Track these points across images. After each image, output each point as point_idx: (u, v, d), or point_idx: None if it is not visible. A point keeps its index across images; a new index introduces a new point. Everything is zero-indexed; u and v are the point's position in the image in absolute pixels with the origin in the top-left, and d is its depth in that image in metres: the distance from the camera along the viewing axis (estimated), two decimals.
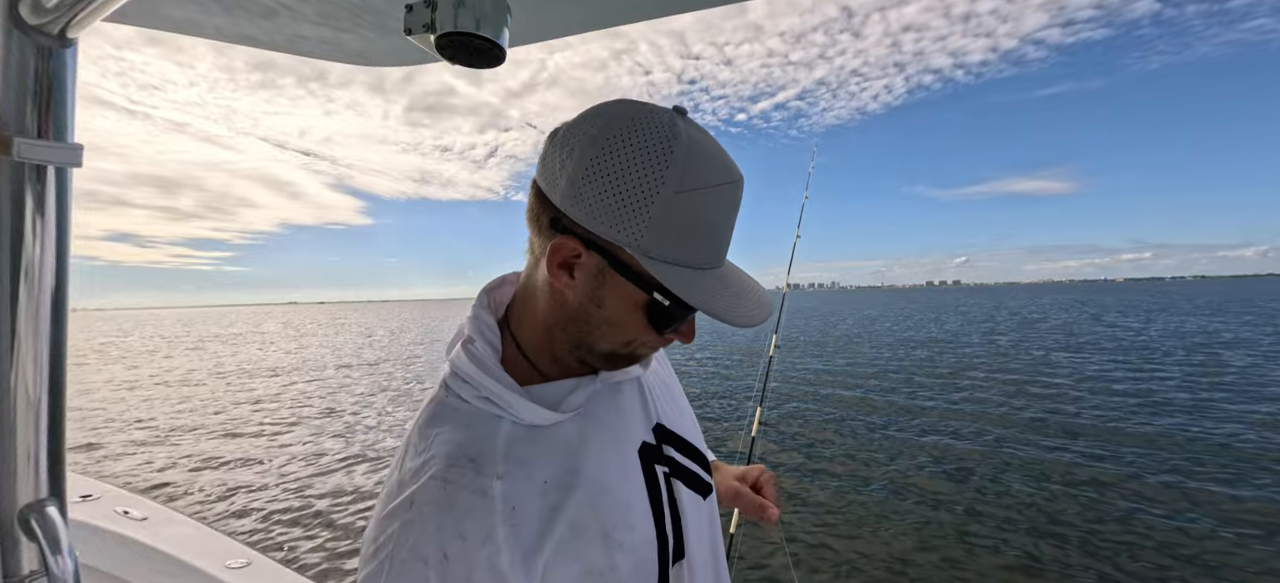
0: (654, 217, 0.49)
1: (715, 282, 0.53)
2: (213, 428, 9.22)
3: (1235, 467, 5.98)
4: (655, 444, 0.64)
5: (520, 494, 0.51)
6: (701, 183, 0.50)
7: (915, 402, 9.70)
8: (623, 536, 0.55)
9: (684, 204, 0.50)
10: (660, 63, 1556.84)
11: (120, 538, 1.55)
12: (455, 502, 0.48)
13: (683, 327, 0.56)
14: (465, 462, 0.50)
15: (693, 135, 0.51)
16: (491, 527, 0.47)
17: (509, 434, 0.54)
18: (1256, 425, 7.53)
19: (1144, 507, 5.03)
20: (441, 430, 0.53)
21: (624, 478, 0.58)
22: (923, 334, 22.62)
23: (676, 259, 0.51)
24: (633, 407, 0.65)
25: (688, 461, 0.67)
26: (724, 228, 0.54)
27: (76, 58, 0.63)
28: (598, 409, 0.60)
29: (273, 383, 14.29)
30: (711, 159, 0.52)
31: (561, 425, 0.57)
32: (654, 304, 0.52)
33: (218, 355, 22.40)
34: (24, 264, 0.60)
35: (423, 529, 0.46)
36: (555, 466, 0.54)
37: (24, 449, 0.62)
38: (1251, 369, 11.91)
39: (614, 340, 0.56)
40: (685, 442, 0.68)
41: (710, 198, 0.51)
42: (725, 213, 0.53)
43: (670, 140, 0.49)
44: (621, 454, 0.60)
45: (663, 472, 0.63)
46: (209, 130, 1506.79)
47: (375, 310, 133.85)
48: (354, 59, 0.93)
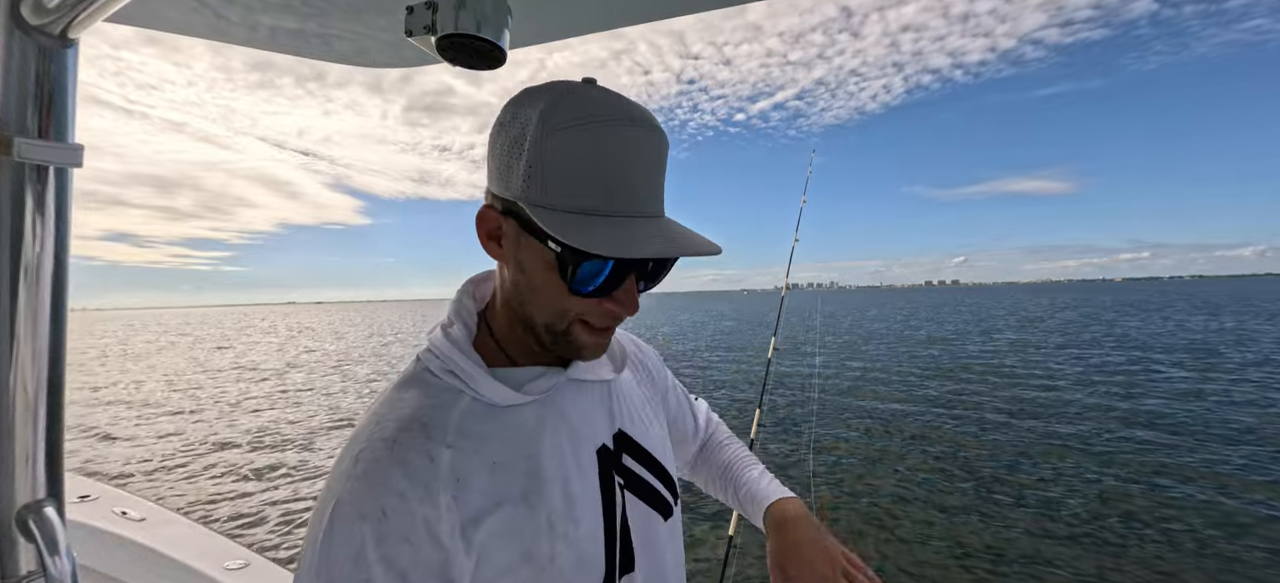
0: (531, 161, 0.49)
1: (619, 227, 0.49)
2: (212, 428, 9.20)
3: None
4: (614, 451, 0.64)
5: (468, 468, 0.52)
6: (574, 120, 0.49)
7: (917, 400, 9.70)
8: (567, 527, 0.55)
9: (561, 144, 0.49)
10: (659, 63, 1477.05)
11: (118, 539, 1.54)
12: (400, 462, 0.49)
13: (608, 288, 0.52)
14: (417, 426, 0.52)
15: (582, 89, 0.52)
16: (434, 491, 0.49)
17: (467, 409, 0.55)
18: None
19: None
20: (404, 396, 0.55)
21: (577, 472, 0.58)
22: (935, 334, 22.62)
23: (571, 207, 0.49)
24: (596, 408, 0.65)
25: (649, 475, 0.67)
26: (625, 171, 0.50)
27: (77, 58, 0.63)
28: (561, 402, 0.61)
29: (272, 382, 14.27)
30: (595, 103, 0.50)
31: (521, 410, 0.58)
32: (561, 259, 0.50)
33: (217, 354, 22.35)
34: (24, 264, 0.60)
35: (366, 486, 0.47)
36: (508, 447, 0.55)
37: (22, 449, 0.62)
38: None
39: (545, 310, 0.55)
40: (649, 456, 0.68)
41: (594, 137, 0.49)
42: (622, 155, 0.50)
43: (548, 89, 0.52)
44: (578, 450, 0.60)
45: (619, 481, 0.63)
46: (207, 130, 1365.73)
47: (373, 311, 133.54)
48: (355, 60, 0.94)
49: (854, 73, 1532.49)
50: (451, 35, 0.63)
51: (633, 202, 0.51)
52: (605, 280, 0.52)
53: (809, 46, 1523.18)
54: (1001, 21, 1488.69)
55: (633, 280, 0.54)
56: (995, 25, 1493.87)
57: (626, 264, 0.51)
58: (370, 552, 0.45)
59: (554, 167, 0.49)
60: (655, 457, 0.69)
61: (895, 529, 4.75)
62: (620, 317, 0.55)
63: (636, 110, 0.52)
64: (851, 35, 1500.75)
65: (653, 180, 0.52)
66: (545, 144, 0.49)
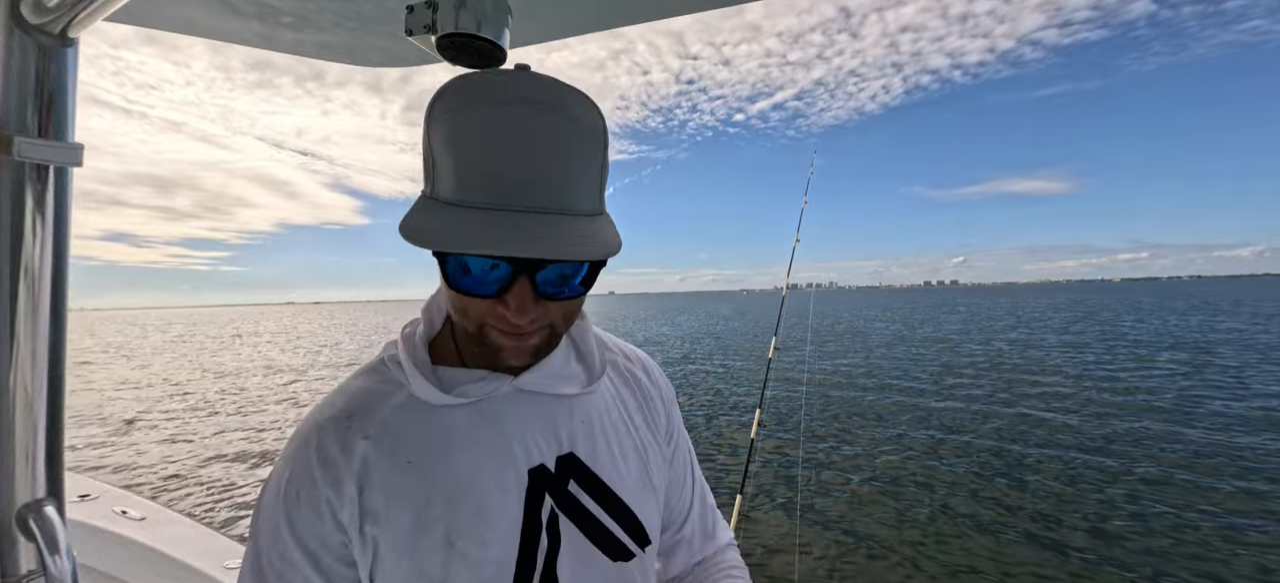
0: (426, 154, 0.48)
1: (483, 220, 0.43)
2: (212, 427, 9.20)
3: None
4: (555, 474, 0.58)
5: (380, 463, 0.52)
6: (455, 106, 0.45)
7: (919, 402, 9.71)
8: (468, 547, 0.52)
9: (441, 131, 0.45)
10: (658, 63, 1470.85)
11: (118, 538, 1.54)
12: (319, 448, 0.52)
13: (494, 289, 0.47)
14: (345, 417, 0.54)
15: (484, 73, 0.47)
16: (342, 480, 0.51)
17: (401, 404, 0.55)
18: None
19: None
20: (354, 384, 0.57)
21: (496, 489, 0.54)
22: (944, 336, 22.63)
23: (451, 198, 0.45)
24: (542, 424, 0.58)
25: (599, 510, 0.59)
26: (501, 157, 0.44)
27: (77, 57, 0.63)
28: (500, 411, 0.57)
29: (272, 382, 14.26)
30: (484, 84, 0.45)
31: (453, 414, 0.55)
32: (438, 254, 0.46)
33: (218, 354, 22.38)
34: (24, 264, 0.60)
35: (288, 469, 0.51)
36: (426, 448, 0.53)
37: (22, 449, 0.62)
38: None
39: (456, 311, 0.51)
40: (604, 488, 0.60)
41: (471, 120, 0.44)
42: (500, 138, 0.44)
43: (448, 82, 0.47)
44: (504, 464, 0.55)
45: (550, 505, 0.57)
46: (206, 130, 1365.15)
47: (375, 311, 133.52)
48: (355, 60, 0.94)
49: (853, 73, 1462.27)
50: (452, 35, 0.63)
51: (511, 191, 0.44)
52: (492, 284, 0.47)
53: (808, 47, 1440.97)
54: (1000, 22, 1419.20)
55: (524, 284, 0.47)
56: (994, 26, 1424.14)
57: (514, 268, 0.47)
58: (285, 531, 0.50)
59: (440, 157, 0.46)
60: (613, 491, 0.60)
61: (906, 532, 4.75)
62: (516, 324, 0.49)
63: (536, 88, 0.45)
64: (851, 36, 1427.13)
65: (544, 167, 0.45)
66: (432, 134, 0.46)
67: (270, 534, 0.50)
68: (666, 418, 0.72)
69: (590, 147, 0.48)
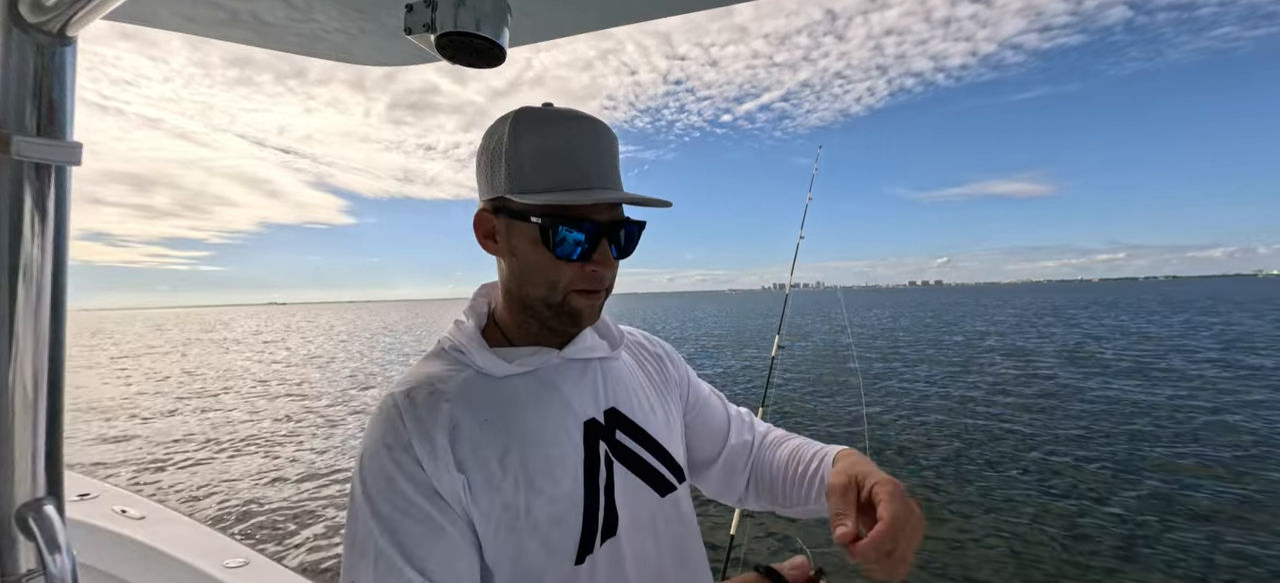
0: (509, 161, 0.62)
1: (580, 196, 0.61)
2: (212, 426, 9.20)
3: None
4: (604, 425, 0.70)
5: (463, 419, 0.62)
6: (534, 124, 0.63)
7: (923, 402, 9.70)
8: (544, 484, 0.62)
9: (527, 144, 0.62)
10: (646, 63, 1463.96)
11: (118, 537, 1.54)
12: (413, 407, 0.61)
13: (587, 253, 0.63)
14: (428, 385, 0.64)
15: (534, 109, 0.65)
16: (436, 430, 0.60)
17: (468, 378, 0.66)
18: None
19: None
20: (425, 366, 0.68)
21: (559, 438, 0.65)
22: (956, 339, 22.59)
23: (542, 186, 0.61)
24: (587, 386, 0.72)
25: (642, 450, 0.72)
26: (578, 156, 0.62)
27: (76, 56, 0.62)
28: (553, 377, 0.69)
29: (273, 381, 14.27)
30: (548, 112, 0.64)
31: (514, 382, 0.67)
32: (542, 230, 0.61)
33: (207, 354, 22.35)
34: (22, 263, 0.60)
35: (386, 424, 0.60)
36: (498, 410, 0.64)
37: (22, 448, 0.62)
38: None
39: (540, 284, 0.64)
40: (644, 434, 0.73)
41: (551, 133, 0.62)
42: (574, 143, 0.62)
43: (509, 114, 0.64)
44: (564, 419, 0.67)
45: (605, 449, 0.68)
46: (184, 127, 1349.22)
47: (359, 312, 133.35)
48: (355, 59, 0.93)
49: (839, 75, 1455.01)
50: (451, 33, 0.63)
51: (588, 177, 0.62)
52: (583, 245, 0.62)
53: (794, 49, 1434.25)
54: (982, 26, 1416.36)
55: (606, 245, 0.64)
56: (976, 30, 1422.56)
57: (599, 230, 0.62)
58: (398, 477, 0.58)
59: (526, 161, 0.62)
60: (652, 436, 0.74)
61: None
62: (602, 276, 0.65)
63: (583, 114, 0.64)
64: (836, 38, 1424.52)
65: (604, 162, 0.64)
66: (516, 146, 0.62)
67: (382, 484, 0.58)
68: (677, 371, 0.87)
69: (618, 148, 0.68)
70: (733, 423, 0.88)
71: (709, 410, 0.87)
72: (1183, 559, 4.13)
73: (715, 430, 0.87)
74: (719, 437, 0.87)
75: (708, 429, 0.86)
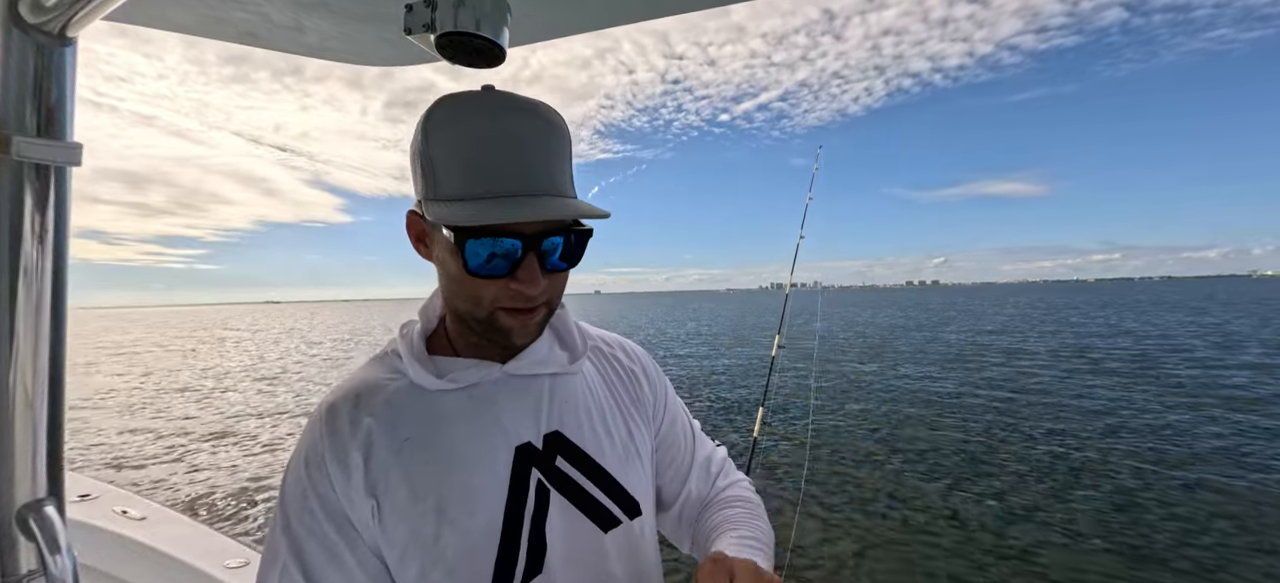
0: (423, 163, 0.56)
1: (496, 205, 0.52)
2: (212, 426, 9.20)
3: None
4: (541, 450, 0.63)
5: (382, 438, 0.58)
6: (447, 119, 0.54)
7: (925, 401, 9.71)
8: (457, 514, 0.57)
9: (438, 146, 0.54)
10: (644, 62, 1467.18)
11: (118, 538, 1.54)
12: (330, 422, 0.58)
13: (508, 268, 0.54)
14: (352, 397, 0.60)
15: (462, 94, 0.56)
16: (349, 450, 0.57)
17: (398, 388, 0.62)
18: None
19: None
20: (363, 371, 0.64)
21: (483, 464, 0.60)
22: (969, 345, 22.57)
23: (456, 195, 0.54)
24: (528, 406, 0.65)
25: (586, 480, 0.65)
26: (498, 155, 0.53)
27: (76, 57, 0.63)
28: (491, 394, 0.63)
29: (274, 380, 14.27)
30: (469, 101, 0.55)
31: (446, 397, 0.62)
32: (456, 241, 0.53)
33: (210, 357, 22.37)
34: (23, 264, 0.60)
35: (308, 438, 0.58)
36: (424, 428, 0.60)
37: (22, 449, 0.62)
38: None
39: (465, 299, 0.58)
40: (589, 462, 0.65)
41: (466, 129, 0.53)
42: (495, 141, 0.53)
43: (433, 103, 0.56)
44: (492, 442, 0.61)
45: (537, 478, 0.62)
46: (179, 124, 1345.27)
47: (357, 310, 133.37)
48: (354, 59, 0.93)
49: (836, 75, 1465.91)
50: (451, 33, 0.63)
51: (511, 181, 0.53)
52: (503, 261, 0.54)
53: (792, 48, 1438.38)
54: (979, 27, 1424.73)
55: (532, 259, 0.55)
56: (973, 30, 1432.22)
57: (524, 243, 0.54)
58: (311, 495, 0.56)
59: (439, 164, 0.54)
60: (599, 464, 0.66)
61: (908, 542, 4.75)
62: (529, 295, 0.56)
63: (514, 100, 0.55)
64: (834, 38, 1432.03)
65: (533, 163, 0.54)
66: (428, 146, 0.55)
67: (296, 501, 0.56)
68: (653, 391, 0.78)
69: (563, 143, 0.58)
70: (695, 469, 0.79)
71: (674, 449, 0.78)
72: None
73: (677, 471, 0.78)
74: (679, 479, 0.78)
75: (671, 469, 0.78)
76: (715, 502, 0.78)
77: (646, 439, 0.74)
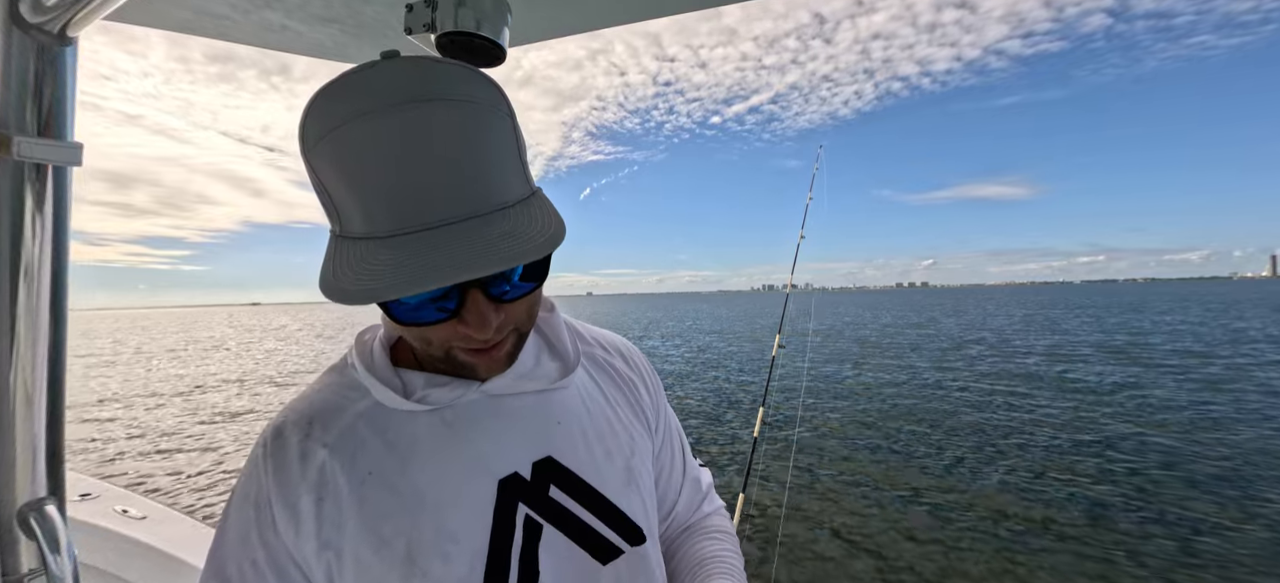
0: (319, 193, 0.42)
1: (399, 249, 0.38)
2: (212, 426, 9.21)
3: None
4: (530, 482, 0.54)
5: (340, 476, 0.49)
6: (326, 129, 0.38)
7: (926, 402, 9.70)
8: (429, 564, 0.48)
9: (328, 177, 0.40)
10: (635, 64, 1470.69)
11: (119, 537, 1.54)
12: (276, 456, 0.50)
13: (447, 309, 0.44)
14: (305, 422, 0.51)
15: (340, 82, 0.39)
16: (298, 493, 0.49)
17: (362, 409, 0.52)
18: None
19: None
20: (321, 383, 0.55)
21: (460, 502, 0.51)
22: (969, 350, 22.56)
23: (358, 233, 0.40)
24: (515, 430, 0.55)
25: (582, 509, 0.56)
26: (388, 176, 0.38)
27: (76, 57, 0.63)
28: (469, 417, 0.53)
29: (273, 381, 14.28)
30: (337, 99, 0.39)
31: (416, 421, 0.52)
32: None
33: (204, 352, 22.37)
34: (23, 263, 0.60)
35: (251, 471, 0.50)
36: (386, 460, 0.50)
37: (23, 448, 0.62)
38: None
39: (421, 341, 0.48)
40: (586, 488, 0.56)
41: (347, 141, 0.38)
42: (378, 155, 0.37)
43: (309, 100, 0.40)
44: (473, 476, 0.52)
45: (525, 514, 0.53)
46: (164, 123, 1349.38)
47: (351, 311, 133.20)
48: (355, 59, 0.93)
49: (826, 79, 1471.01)
50: (451, 33, 0.63)
51: (424, 209, 0.38)
52: (436, 309, 0.43)
53: (783, 51, 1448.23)
54: (967, 32, 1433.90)
55: (477, 297, 0.43)
56: (961, 35, 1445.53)
57: (463, 285, 0.43)
58: (253, 534, 0.48)
59: (333, 189, 0.41)
60: (598, 491, 0.57)
61: (905, 541, 4.75)
62: (478, 337, 0.45)
63: (408, 78, 0.39)
64: (824, 42, 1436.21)
65: (451, 169, 0.39)
66: (318, 170, 0.41)
67: (235, 538, 0.49)
68: (652, 401, 0.69)
69: (494, 125, 0.41)
70: (686, 488, 0.74)
71: (665, 464, 0.72)
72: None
73: (667, 489, 0.72)
74: (669, 498, 0.72)
75: (660, 486, 0.71)
76: (699, 528, 0.73)
77: (648, 456, 0.66)
